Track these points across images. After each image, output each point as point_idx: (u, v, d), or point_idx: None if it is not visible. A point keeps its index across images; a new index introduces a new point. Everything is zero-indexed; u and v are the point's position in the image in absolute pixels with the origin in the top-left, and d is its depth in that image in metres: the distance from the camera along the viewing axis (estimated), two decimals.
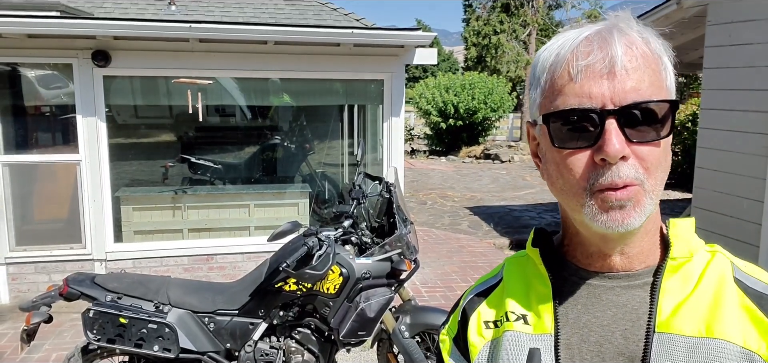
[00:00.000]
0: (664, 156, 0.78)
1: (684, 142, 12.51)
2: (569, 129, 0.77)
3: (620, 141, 0.73)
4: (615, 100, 0.74)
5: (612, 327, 0.81)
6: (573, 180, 0.78)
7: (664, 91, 0.77)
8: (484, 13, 25.85)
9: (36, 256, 5.71)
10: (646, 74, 0.75)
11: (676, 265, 0.81)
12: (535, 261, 0.90)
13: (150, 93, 6.18)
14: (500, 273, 0.97)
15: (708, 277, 0.80)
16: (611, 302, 0.82)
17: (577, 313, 0.84)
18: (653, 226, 0.83)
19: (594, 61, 0.75)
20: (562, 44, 0.79)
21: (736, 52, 5.22)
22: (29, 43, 5.31)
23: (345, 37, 5.59)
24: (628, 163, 0.74)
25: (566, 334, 0.83)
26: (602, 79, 0.74)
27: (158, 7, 7.55)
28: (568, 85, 0.76)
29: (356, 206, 3.57)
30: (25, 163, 5.70)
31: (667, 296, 0.79)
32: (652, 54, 0.78)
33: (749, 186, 5.14)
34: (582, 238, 0.85)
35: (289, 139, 7.96)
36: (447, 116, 18.64)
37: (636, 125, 0.74)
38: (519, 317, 0.88)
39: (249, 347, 3.33)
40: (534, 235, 0.93)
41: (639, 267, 0.83)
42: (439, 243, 8.13)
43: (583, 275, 0.85)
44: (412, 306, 3.68)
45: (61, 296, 3.25)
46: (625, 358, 0.79)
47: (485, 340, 0.91)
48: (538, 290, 0.88)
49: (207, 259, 6.08)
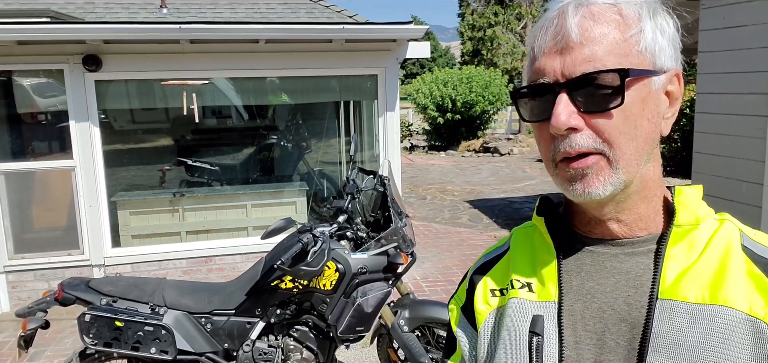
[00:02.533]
0: (627, 125, 0.76)
1: (682, 128, 12.46)
2: (533, 104, 0.81)
3: (567, 113, 0.75)
4: (565, 72, 0.76)
5: (615, 293, 0.82)
6: (544, 151, 0.82)
7: (632, 58, 0.76)
8: (479, 7, 25.81)
9: (35, 263, 5.70)
10: (604, 44, 0.75)
11: (681, 232, 0.80)
12: (541, 230, 0.91)
13: (144, 96, 6.16)
14: (507, 243, 0.99)
15: (714, 244, 0.80)
16: (615, 269, 0.83)
17: (580, 280, 0.85)
18: (649, 193, 0.83)
19: (548, 37, 0.78)
20: (537, 24, 0.84)
21: (731, 35, 5.19)
22: (19, 49, 5.28)
23: (336, 33, 5.57)
24: (581, 134, 0.76)
25: (569, 301, 0.84)
26: (556, 54, 0.77)
27: (149, 10, 7.52)
28: (533, 62, 0.81)
29: (351, 201, 3.54)
30: (21, 171, 5.69)
31: (672, 263, 0.79)
32: (620, 19, 0.77)
33: (748, 169, 5.10)
34: (578, 206, 0.86)
35: (286, 137, 7.94)
36: (445, 111, 18.60)
37: (587, 96, 0.75)
38: (524, 285, 0.89)
39: (247, 347, 3.31)
40: (539, 203, 0.93)
41: (641, 234, 0.83)
42: (439, 237, 8.11)
43: (586, 242, 0.86)
44: (411, 300, 3.66)
45: (57, 301, 3.24)
46: (628, 324, 0.80)
47: (491, 307, 0.92)
48: (543, 258, 0.89)
49: (206, 261, 6.06)
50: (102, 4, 7.63)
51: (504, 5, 24.55)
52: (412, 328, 3.53)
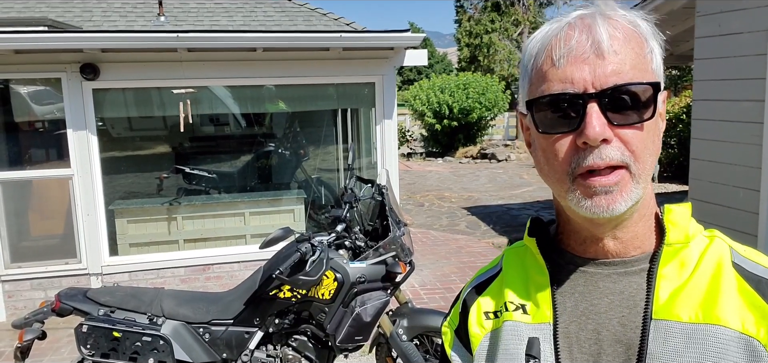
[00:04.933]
0: (650, 139, 0.77)
1: (679, 134, 12.50)
2: (553, 114, 0.78)
3: (601, 124, 0.73)
4: (596, 83, 0.74)
5: (609, 314, 0.81)
6: (557, 165, 0.78)
7: (649, 74, 0.77)
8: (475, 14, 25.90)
9: (31, 272, 5.68)
10: (628, 57, 0.75)
11: (673, 250, 0.80)
12: (533, 251, 0.90)
13: (141, 104, 6.16)
14: (499, 264, 0.98)
15: (706, 262, 0.79)
16: (608, 289, 0.82)
17: (574, 301, 0.84)
18: (647, 211, 0.83)
19: (575, 45, 0.76)
20: (547, 32, 0.80)
21: (726, 42, 5.22)
22: (17, 58, 5.28)
23: (333, 41, 5.58)
24: (611, 146, 0.75)
25: (564, 323, 0.84)
26: (584, 64, 0.75)
27: (147, 18, 7.53)
28: (551, 70, 0.77)
29: (349, 210, 3.55)
30: (18, 179, 5.67)
31: (664, 282, 0.79)
32: (638, 37, 0.78)
33: (745, 175, 5.13)
34: (574, 225, 0.85)
35: (283, 145, 7.95)
36: (442, 117, 18.62)
37: (618, 108, 0.75)
38: (518, 307, 0.88)
39: (245, 356, 3.30)
40: (530, 224, 0.93)
41: (634, 253, 0.82)
42: (437, 244, 8.11)
43: (579, 263, 0.85)
44: (410, 308, 3.66)
45: (54, 312, 3.23)
46: (623, 345, 0.79)
47: (486, 330, 0.91)
48: (536, 280, 0.88)
49: (204, 269, 6.05)
50: (99, 12, 7.64)
51: (501, 12, 24.65)
52: (410, 336, 3.53)
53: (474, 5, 26.38)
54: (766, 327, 0.73)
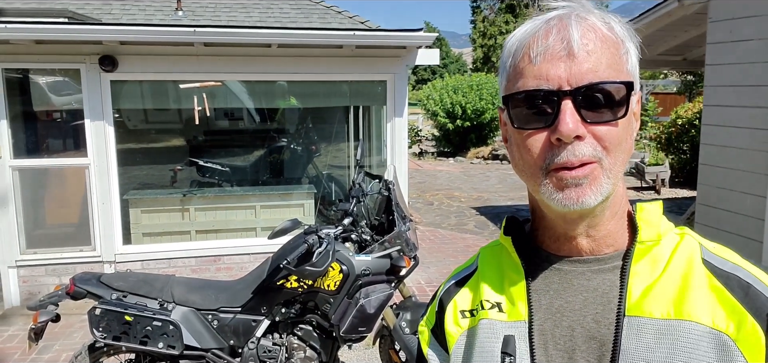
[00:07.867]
0: (623, 136, 0.79)
1: (692, 139, 12.42)
2: (528, 110, 0.79)
3: (575, 121, 0.75)
4: (571, 81, 0.76)
5: (583, 311, 0.83)
6: (531, 160, 0.80)
7: (624, 74, 0.79)
8: (490, 14, 25.87)
9: (46, 258, 5.81)
10: (604, 57, 0.77)
11: (645, 248, 0.82)
12: (508, 249, 0.91)
13: (157, 97, 6.28)
14: (475, 263, 0.99)
15: (676, 259, 0.81)
16: (582, 287, 0.84)
17: (549, 298, 0.85)
18: (619, 210, 0.84)
19: (552, 44, 0.77)
20: (526, 30, 0.81)
21: (738, 49, 5.22)
22: (37, 49, 5.41)
23: (347, 39, 5.64)
24: (584, 143, 0.76)
25: (540, 320, 0.85)
26: (559, 62, 0.76)
27: (165, 12, 7.65)
28: (528, 67, 0.79)
29: (356, 204, 3.61)
30: (35, 167, 5.80)
31: (637, 280, 0.81)
32: (614, 38, 0.79)
33: (752, 182, 5.13)
34: (548, 222, 0.87)
35: (295, 141, 8.03)
36: (454, 117, 18.64)
37: (592, 106, 0.76)
38: (493, 305, 0.89)
39: (252, 344, 3.38)
40: (506, 223, 0.94)
41: (607, 251, 0.84)
42: (444, 243, 8.16)
43: (553, 260, 0.87)
44: (413, 302, 3.72)
45: (68, 295, 3.32)
46: (597, 341, 0.81)
47: (462, 329, 0.92)
48: (512, 278, 0.89)
49: (214, 260, 6.15)
50: (118, 5, 7.77)
51: (515, 13, 24.62)
52: (413, 330, 3.59)
53: (490, 6, 26.36)
54: (735, 322, 0.75)
